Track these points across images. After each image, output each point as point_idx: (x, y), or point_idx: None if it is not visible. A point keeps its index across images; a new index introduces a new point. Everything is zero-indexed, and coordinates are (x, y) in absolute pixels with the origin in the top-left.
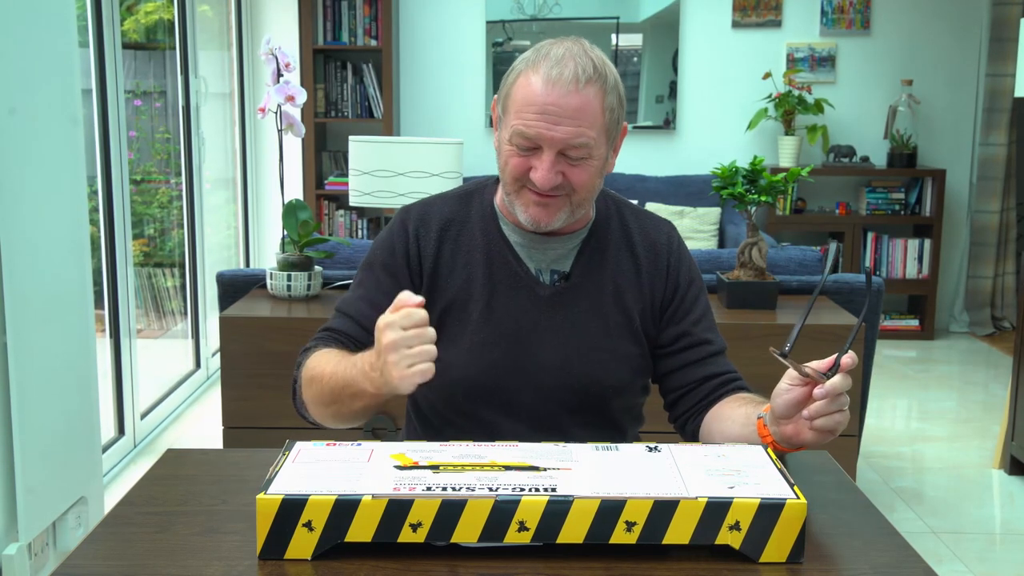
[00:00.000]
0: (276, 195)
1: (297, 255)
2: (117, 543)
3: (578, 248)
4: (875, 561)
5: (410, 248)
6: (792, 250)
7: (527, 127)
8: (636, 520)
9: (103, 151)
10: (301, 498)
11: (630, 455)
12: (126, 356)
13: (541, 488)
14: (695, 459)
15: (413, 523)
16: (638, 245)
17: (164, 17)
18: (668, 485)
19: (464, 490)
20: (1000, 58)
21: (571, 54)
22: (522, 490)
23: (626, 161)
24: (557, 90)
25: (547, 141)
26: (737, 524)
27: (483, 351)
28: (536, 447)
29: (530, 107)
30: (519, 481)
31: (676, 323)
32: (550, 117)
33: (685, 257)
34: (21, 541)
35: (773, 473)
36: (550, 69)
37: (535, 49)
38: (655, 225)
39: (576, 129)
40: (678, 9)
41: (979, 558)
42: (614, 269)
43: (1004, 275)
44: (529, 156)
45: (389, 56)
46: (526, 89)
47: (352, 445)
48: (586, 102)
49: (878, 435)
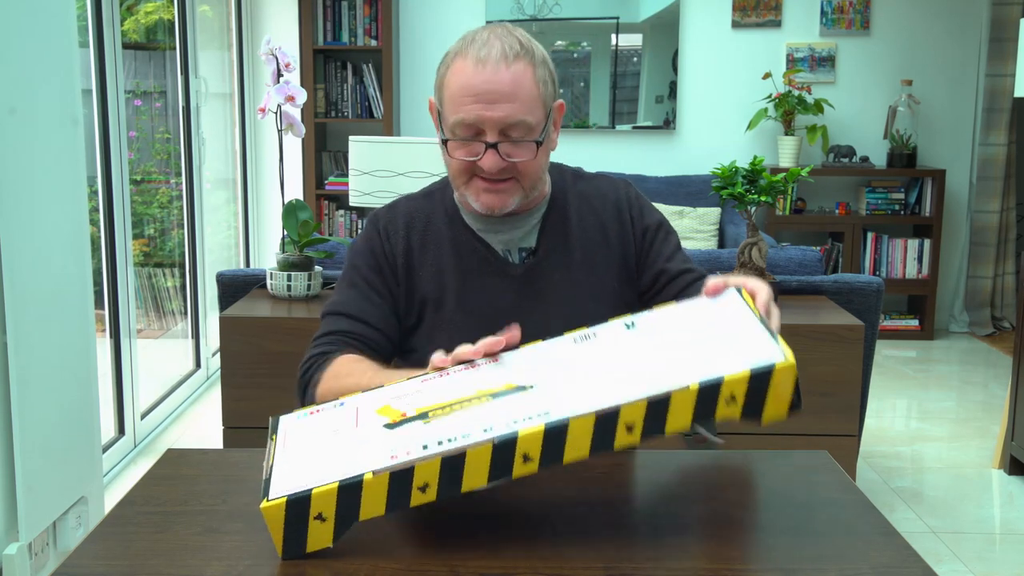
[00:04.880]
0: (276, 195)
1: (297, 255)
2: (117, 543)
3: (539, 223)
4: (875, 561)
5: (385, 247)
6: (792, 250)
7: (466, 114)
8: (634, 422)
9: (103, 151)
10: (304, 494)
11: (609, 341)
12: (126, 356)
13: (534, 416)
14: (674, 330)
15: (420, 486)
16: (599, 207)
17: (164, 17)
18: (656, 376)
19: (460, 439)
20: (1000, 58)
21: (495, 35)
22: (516, 423)
23: (626, 161)
24: (487, 70)
25: (487, 123)
26: (733, 397)
27: (463, 338)
28: (516, 356)
29: (465, 93)
30: (511, 412)
31: (651, 265)
32: (487, 96)
33: (646, 206)
34: (21, 541)
35: (754, 327)
36: (478, 51)
37: (460, 39)
38: (611, 184)
39: (512, 106)
40: (678, 9)
41: (978, 558)
42: (579, 236)
43: (1004, 275)
44: (472, 144)
45: (389, 56)
46: (458, 76)
47: (335, 406)
48: (517, 77)
49: (878, 435)
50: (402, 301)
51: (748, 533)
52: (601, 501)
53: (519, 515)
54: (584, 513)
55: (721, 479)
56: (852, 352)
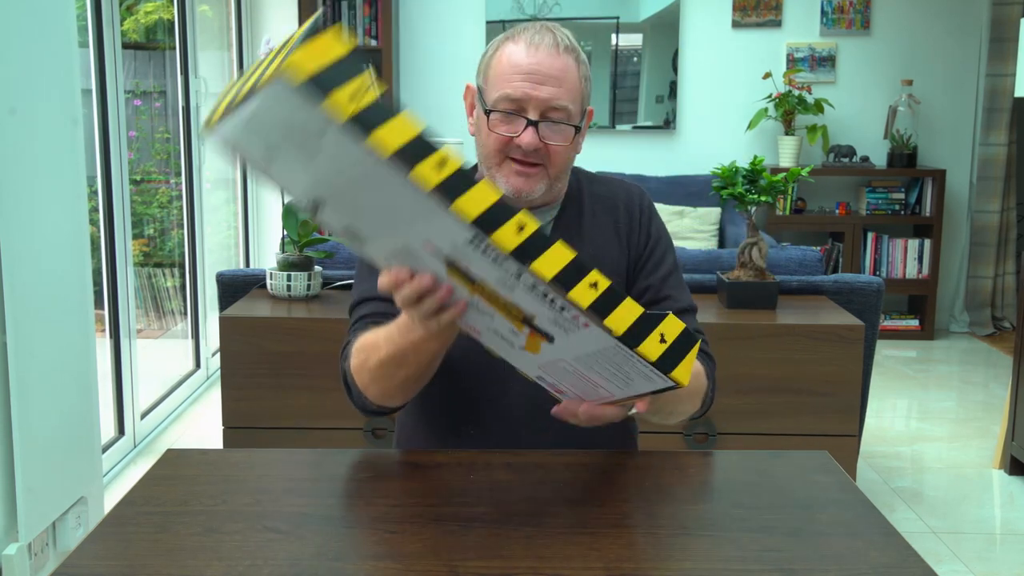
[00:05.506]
0: (276, 195)
1: (297, 255)
2: (117, 543)
3: (552, 222)
4: (875, 561)
5: None
6: (792, 250)
7: (514, 89)
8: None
9: (103, 151)
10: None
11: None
12: (126, 356)
13: None
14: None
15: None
16: (612, 209)
17: (164, 17)
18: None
19: None
20: (1000, 58)
21: (547, 28)
22: None
23: (626, 161)
24: (540, 53)
25: (532, 101)
26: (663, 337)
27: None
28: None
29: (515, 71)
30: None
31: (644, 276)
32: (535, 77)
33: (655, 216)
34: (21, 541)
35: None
36: (531, 37)
37: (509, 30)
38: (625, 189)
39: (558, 90)
40: (678, 9)
41: (979, 558)
42: (591, 236)
43: (1004, 275)
44: (513, 122)
45: (389, 56)
46: (509, 57)
47: None
48: (567, 67)
49: (878, 435)
50: None
51: (748, 533)
52: (601, 501)
53: (519, 515)
54: (584, 513)
55: (721, 479)
56: (852, 352)
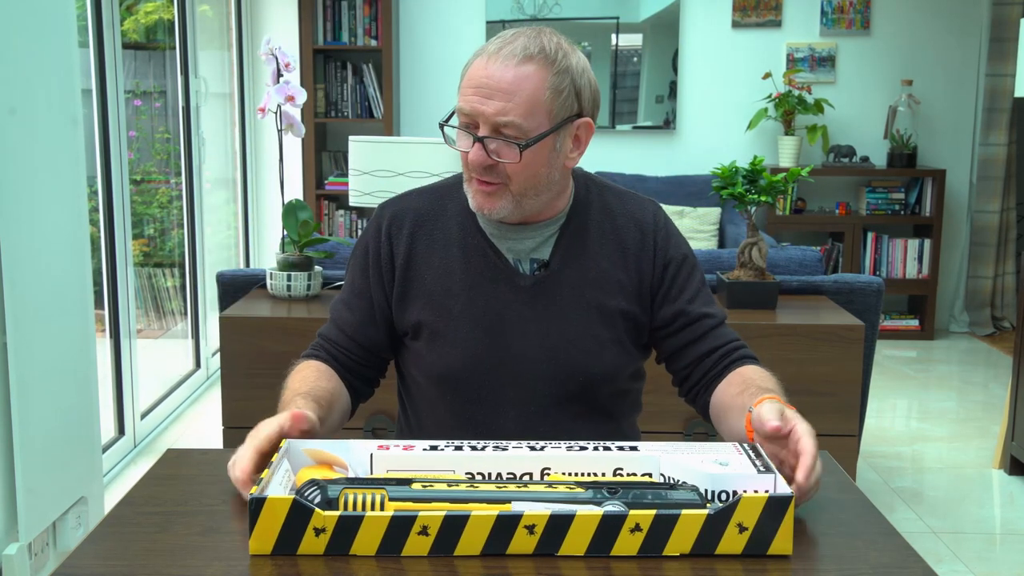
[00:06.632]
0: (276, 195)
1: (297, 255)
2: (117, 543)
3: (556, 235)
4: (875, 561)
5: (381, 248)
6: (792, 250)
7: (465, 103)
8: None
9: (103, 151)
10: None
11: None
12: (126, 356)
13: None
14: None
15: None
16: (622, 227)
17: (164, 17)
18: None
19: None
20: (1000, 58)
21: (524, 35)
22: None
23: (626, 161)
24: (493, 64)
25: (480, 116)
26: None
27: (466, 346)
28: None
29: (469, 83)
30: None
31: (671, 302)
32: (483, 91)
33: (673, 234)
34: (21, 541)
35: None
36: (497, 47)
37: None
38: (639, 205)
39: (506, 104)
40: (678, 9)
41: (979, 558)
42: (596, 254)
43: (1004, 275)
44: (466, 139)
45: (389, 56)
46: (471, 68)
47: None
48: (522, 77)
49: (878, 435)
50: (395, 302)
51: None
52: None
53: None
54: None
55: None
56: (852, 352)
